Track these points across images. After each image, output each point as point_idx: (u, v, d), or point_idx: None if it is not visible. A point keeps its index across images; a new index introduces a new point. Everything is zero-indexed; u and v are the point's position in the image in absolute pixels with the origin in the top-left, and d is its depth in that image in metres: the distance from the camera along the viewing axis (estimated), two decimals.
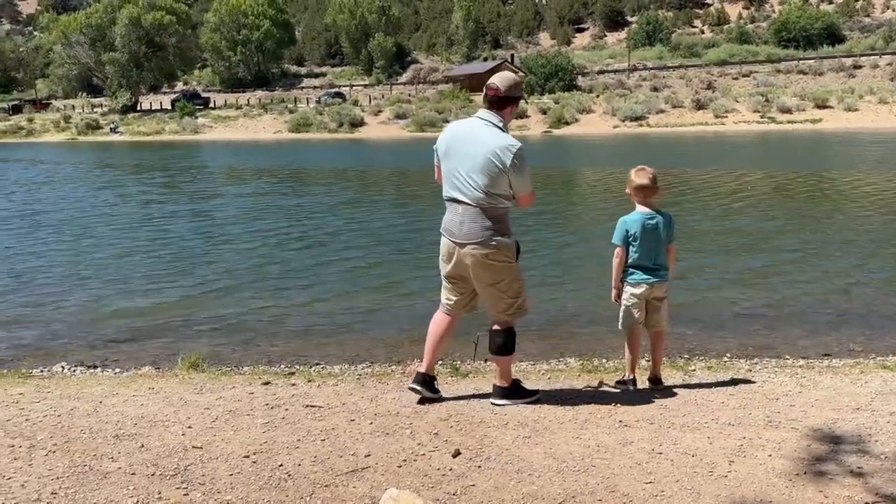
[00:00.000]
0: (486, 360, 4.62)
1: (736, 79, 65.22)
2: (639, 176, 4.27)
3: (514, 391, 4.10)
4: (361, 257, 10.10)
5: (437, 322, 4.11)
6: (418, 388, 4.08)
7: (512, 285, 3.92)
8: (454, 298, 4.05)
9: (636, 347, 4.48)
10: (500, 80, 3.93)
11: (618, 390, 4.43)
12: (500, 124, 3.87)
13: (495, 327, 4.00)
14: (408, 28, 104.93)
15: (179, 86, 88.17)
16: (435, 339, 4.08)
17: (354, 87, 78.73)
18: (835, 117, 48.99)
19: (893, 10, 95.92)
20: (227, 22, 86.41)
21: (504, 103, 3.90)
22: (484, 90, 3.97)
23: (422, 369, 4.12)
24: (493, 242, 3.80)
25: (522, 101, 4.27)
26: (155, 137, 55.73)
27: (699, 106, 53.42)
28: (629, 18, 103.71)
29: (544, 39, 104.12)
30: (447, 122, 53.33)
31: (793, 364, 5.33)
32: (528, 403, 4.06)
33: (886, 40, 72.28)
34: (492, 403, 4.06)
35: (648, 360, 4.79)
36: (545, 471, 3.25)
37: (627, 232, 4.24)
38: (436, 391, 4.15)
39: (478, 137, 3.82)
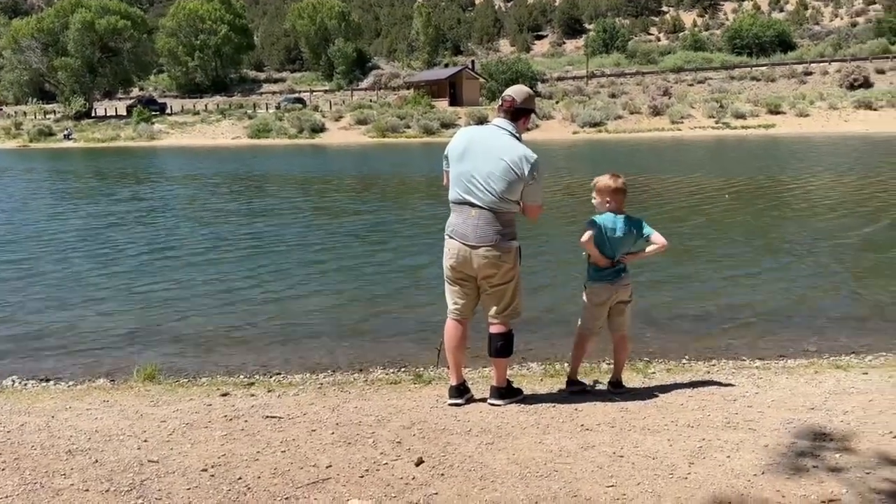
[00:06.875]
0: (436, 366, 4.63)
1: (691, 85, 66.49)
2: (607, 182, 4.30)
3: (507, 391, 4.26)
4: (321, 263, 10.01)
5: (451, 333, 4.21)
6: (458, 401, 4.22)
7: (515, 287, 4.10)
8: (462, 301, 4.16)
9: (583, 350, 4.52)
10: (516, 92, 4.14)
11: (578, 394, 4.45)
12: (517, 133, 4.06)
13: (494, 331, 4.13)
14: (368, 34, 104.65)
15: (135, 91, 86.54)
16: (453, 351, 4.21)
17: (315, 93, 78.24)
18: (787, 123, 50.23)
19: (841, 19, 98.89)
20: (184, 27, 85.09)
21: (519, 114, 4.11)
22: (500, 101, 4.18)
23: (453, 383, 4.26)
24: (505, 245, 3.97)
25: (484, 108, 4.41)
26: (110, 144, 54.68)
27: (656, 112, 54.33)
28: (587, 26, 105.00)
29: (504, 46, 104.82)
30: (409, 127, 53.61)
31: (750, 365, 5.42)
32: (517, 402, 4.22)
33: (835, 47, 74.42)
34: (490, 404, 4.19)
35: (610, 364, 4.84)
36: (508, 477, 3.25)
37: (603, 228, 4.25)
38: (468, 390, 4.32)
39: (497, 144, 3.98)
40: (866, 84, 59.84)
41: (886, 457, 3.37)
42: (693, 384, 4.66)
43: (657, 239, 4.29)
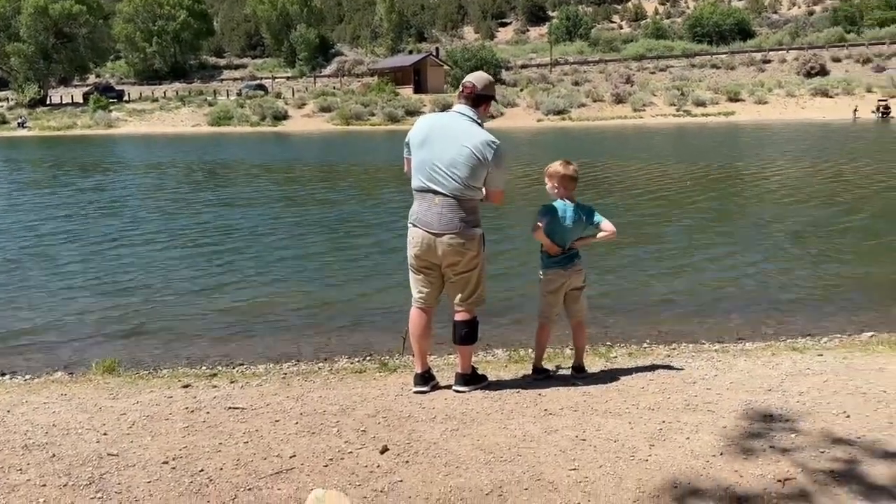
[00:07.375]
0: (401, 354, 4.63)
1: (653, 73, 67.09)
2: (557, 168, 4.33)
3: (472, 378, 4.29)
4: (286, 253, 9.92)
5: (415, 321, 4.21)
6: (423, 389, 4.23)
7: (479, 274, 4.12)
8: (426, 290, 4.16)
9: (545, 338, 4.56)
10: (476, 78, 4.14)
11: (542, 379, 4.50)
12: (479, 120, 4.05)
13: (459, 318, 4.15)
14: (331, 19, 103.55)
15: (92, 78, 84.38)
16: (418, 339, 4.22)
17: (277, 80, 77.15)
18: (746, 110, 51.04)
19: (799, 7, 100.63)
20: (142, 12, 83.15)
21: (479, 100, 4.11)
22: (460, 87, 4.17)
23: (418, 370, 4.27)
24: (469, 232, 3.98)
25: (449, 95, 4.42)
26: (66, 132, 53.31)
27: (618, 100, 54.77)
28: (550, 13, 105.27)
29: (468, 33, 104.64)
30: (373, 115, 53.22)
31: (709, 348, 5.52)
32: (482, 388, 4.26)
33: (793, 35, 75.69)
34: (454, 391, 4.21)
35: (572, 349, 4.88)
36: (473, 462, 3.27)
37: (554, 215, 4.27)
38: (433, 378, 4.33)
39: (459, 130, 3.97)
40: (822, 72, 61.03)
41: (839, 437, 3.46)
42: (654, 368, 4.73)
43: (607, 227, 4.33)
